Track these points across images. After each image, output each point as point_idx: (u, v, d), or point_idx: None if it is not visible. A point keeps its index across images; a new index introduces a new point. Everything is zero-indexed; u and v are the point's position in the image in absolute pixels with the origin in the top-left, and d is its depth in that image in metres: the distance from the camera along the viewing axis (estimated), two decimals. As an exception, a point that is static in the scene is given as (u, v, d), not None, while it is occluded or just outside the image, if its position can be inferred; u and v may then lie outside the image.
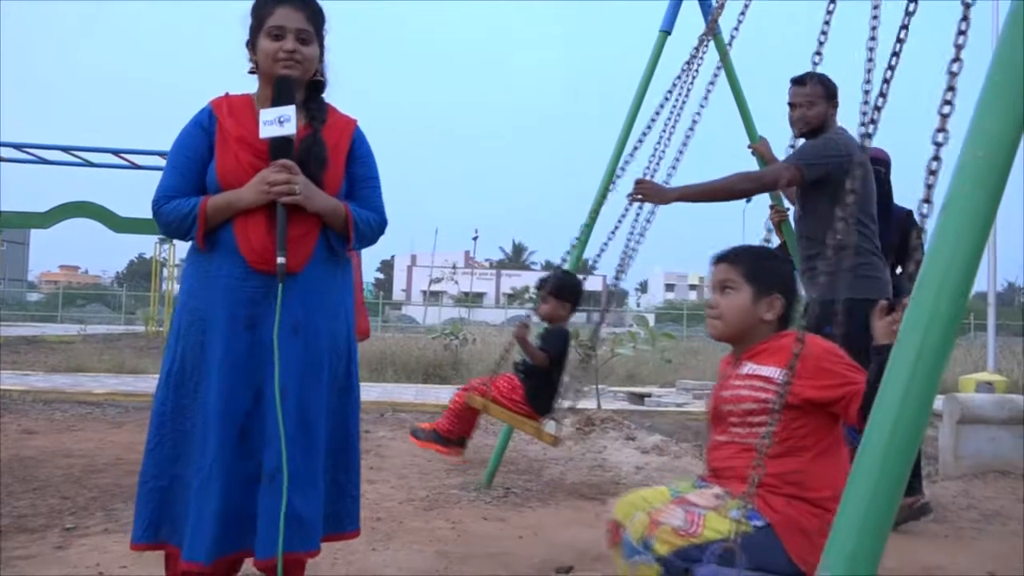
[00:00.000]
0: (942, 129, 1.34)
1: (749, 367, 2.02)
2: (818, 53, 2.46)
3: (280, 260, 2.07)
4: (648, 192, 3.55)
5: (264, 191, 2.08)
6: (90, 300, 40.07)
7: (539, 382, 3.31)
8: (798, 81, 3.59)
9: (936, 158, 1.37)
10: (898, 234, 3.85)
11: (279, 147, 2.11)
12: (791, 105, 3.63)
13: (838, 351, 1.95)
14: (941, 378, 1.04)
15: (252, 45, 2.22)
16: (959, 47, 1.38)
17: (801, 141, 3.61)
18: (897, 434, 1.00)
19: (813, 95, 3.54)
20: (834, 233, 3.25)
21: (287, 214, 2.10)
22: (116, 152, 6.78)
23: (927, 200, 1.42)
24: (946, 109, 1.35)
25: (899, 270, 3.93)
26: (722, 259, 2.12)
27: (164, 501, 2.13)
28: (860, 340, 2.03)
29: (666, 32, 4.51)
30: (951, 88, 1.34)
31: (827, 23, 2.43)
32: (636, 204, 3.64)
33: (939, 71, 1.44)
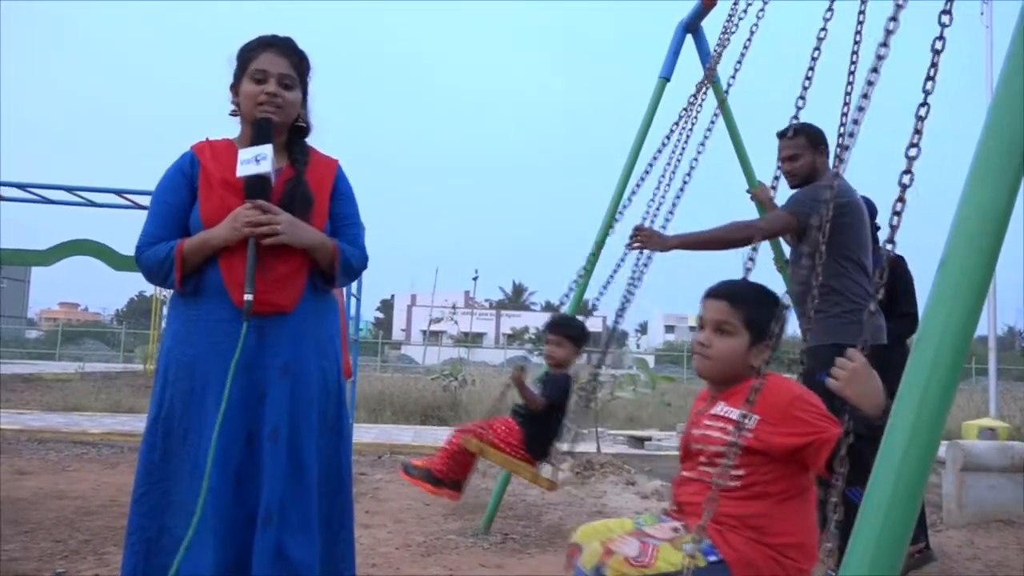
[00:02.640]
0: (908, 171, 1.39)
1: (721, 407, 1.99)
2: (802, 98, 2.46)
3: (247, 297, 2.04)
4: (647, 239, 3.56)
5: (238, 228, 2.06)
6: (89, 337, 39.98)
7: (537, 427, 3.27)
8: (781, 134, 3.57)
9: (901, 199, 1.41)
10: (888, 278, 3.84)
11: (255, 185, 2.10)
12: (780, 159, 3.59)
13: (811, 399, 1.90)
14: (942, 431, 1.03)
15: (235, 88, 2.24)
16: (927, 92, 1.41)
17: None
18: (899, 489, 0.99)
19: (796, 147, 3.52)
20: (834, 277, 3.21)
21: (274, 254, 2.09)
22: (119, 192, 6.81)
23: (890, 240, 1.47)
24: (912, 151, 1.38)
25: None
26: (722, 297, 2.06)
27: (151, 553, 2.09)
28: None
29: (665, 79, 4.57)
30: (918, 131, 1.38)
31: (812, 69, 2.46)
32: (636, 249, 3.66)
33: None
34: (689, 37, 4.64)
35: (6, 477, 5.50)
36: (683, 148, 3.79)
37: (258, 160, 2.09)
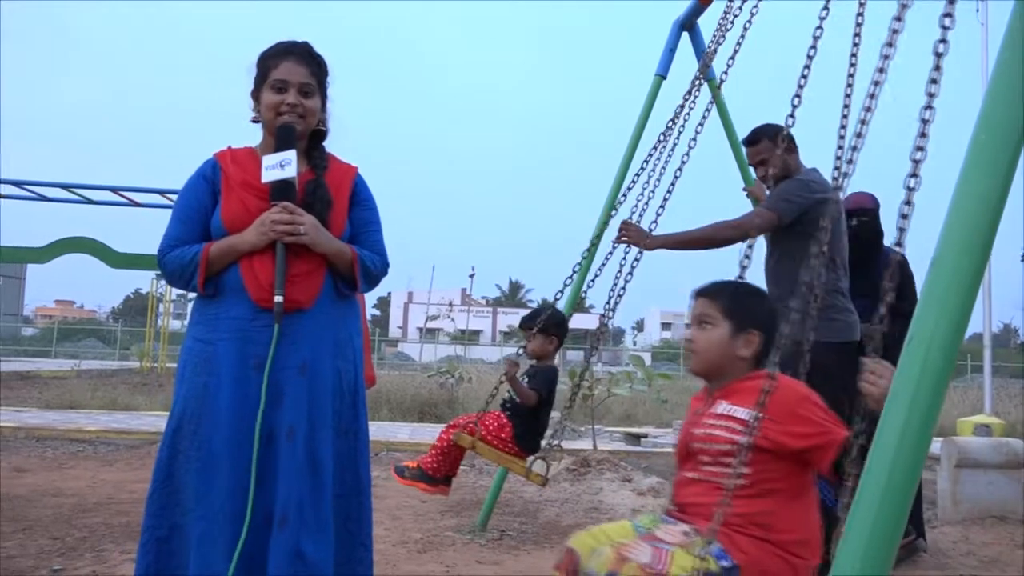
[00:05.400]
0: (914, 174, 1.37)
1: (724, 407, 2.00)
2: (797, 96, 2.42)
3: (278, 299, 2.07)
4: (633, 236, 3.53)
5: (265, 232, 2.10)
6: (85, 335, 39.86)
7: (527, 421, 3.31)
8: (747, 142, 3.61)
9: (908, 202, 1.39)
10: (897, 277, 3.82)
11: (280, 190, 2.15)
12: (751, 165, 3.65)
13: (815, 398, 1.92)
14: (934, 430, 1.05)
15: (256, 95, 2.27)
16: (931, 95, 1.40)
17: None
18: (891, 487, 1.00)
19: (765, 151, 3.54)
20: (809, 272, 3.20)
21: (293, 252, 2.12)
22: (115, 190, 6.84)
23: (899, 244, 1.44)
24: (918, 155, 1.37)
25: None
26: (701, 294, 2.13)
27: (162, 552, 2.09)
28: (824, 382, 2.04)
29: (661, 76, 4.58)
30: (923, 134, 1.37)
31: (807, 67, 2.45)
32: (624, 245, 3.64)
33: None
34: (685, 35, 4.65)
35: (4, 474, 5.50)
36: (676, 145, 3.78)
37: (283, 165, 2.14)
